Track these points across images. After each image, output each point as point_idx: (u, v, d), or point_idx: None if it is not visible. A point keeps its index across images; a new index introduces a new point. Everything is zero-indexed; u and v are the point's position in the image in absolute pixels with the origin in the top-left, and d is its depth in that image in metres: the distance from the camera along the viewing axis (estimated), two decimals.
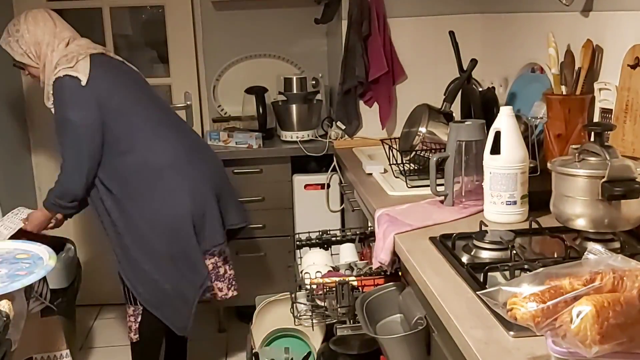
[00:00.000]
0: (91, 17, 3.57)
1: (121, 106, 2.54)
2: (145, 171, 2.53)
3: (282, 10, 3.66)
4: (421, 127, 2.37)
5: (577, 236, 1.62)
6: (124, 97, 2.56)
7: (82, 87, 2.45)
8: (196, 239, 2.56)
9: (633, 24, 1.85)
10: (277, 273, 3.32)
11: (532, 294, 1.03)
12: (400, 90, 3.20)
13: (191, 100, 3.75)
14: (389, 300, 1.85)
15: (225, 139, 3.37)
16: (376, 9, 3.09)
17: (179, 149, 2.59)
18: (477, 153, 1.92)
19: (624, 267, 1.06)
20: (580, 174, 1.53)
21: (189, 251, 2.56)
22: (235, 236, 2.86)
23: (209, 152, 2.80)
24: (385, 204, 2.07)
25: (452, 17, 3.09)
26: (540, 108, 2.23)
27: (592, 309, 0.97)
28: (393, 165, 2.41)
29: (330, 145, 3.22)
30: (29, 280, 1.82)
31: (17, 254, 2.00)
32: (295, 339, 2.78)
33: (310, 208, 3.34)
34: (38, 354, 2.31)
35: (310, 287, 2.10)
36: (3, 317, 1.64)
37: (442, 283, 1.45)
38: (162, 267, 2.54)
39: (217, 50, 3.70)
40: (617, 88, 1.89)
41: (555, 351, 1.02)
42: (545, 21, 2.35)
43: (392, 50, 3.15)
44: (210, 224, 2.60)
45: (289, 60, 3.74)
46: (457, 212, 1.94)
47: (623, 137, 1.85)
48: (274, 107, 3.46)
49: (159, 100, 2.76)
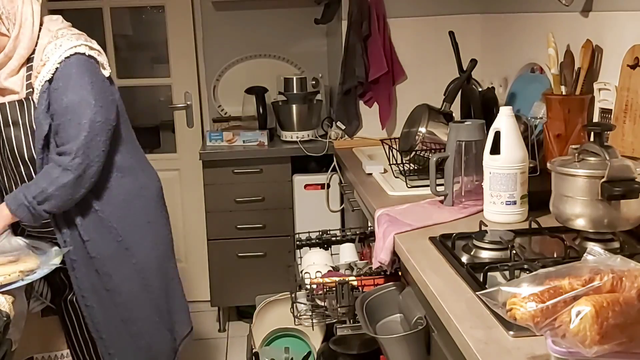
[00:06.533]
0: (91, 17, 3.58)
1: (125, 127, 2.20)
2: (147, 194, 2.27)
3: (282, 10, 3.67)
4: (421, 127, 2.37)
5: (577, 236, 1.62)
6: (123, 114, 2.22)
7: (105, 80, 2.08)
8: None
9: (633, 24, 1.85)
10: (277, 273, 3.32)
11: (532, 294, 1.03)
12: (400, 90, 3.20)
13: (191, 100, 3.76)
14: (389, 300, 1.86)
15: (230, 139, 3.36)
16: (376, 9, 3.09)
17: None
18: (477, 153, 1.92)
19: (623, 268, 1.06)
20: (579, 174, 1.54)
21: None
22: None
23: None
24: (385, 204, 2.07)
25: (452, 17, 3.09)
26: (539, 108, 2.24)
27: (592, 309, 0.97)
28: (393, 165, 2.41)
29: (330, 145, 3.22)
30: (33, 277, 1.82)
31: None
32: (295, 339, 2.79)
33: (310, 208, 3.35)
34: (38, 353, 2.31)
35: (310, 287, 2.10)
36: (3, 317, 1.65)
37: (442, 283, 1.45)
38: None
39: (217, 50, 3.70)
40: (617, 88, 1.89)
41: (555, 351, 1.02)
42: (545, 21, 2.35)
43: (392, 50, 3.15)
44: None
45: (289, 60, 3.74)
46: (457, 212, 1.94)
47: (623, 137, 1.85)
48: (274, 107, 3.46)
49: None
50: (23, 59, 2.02)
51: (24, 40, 2.00)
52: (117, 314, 2.16)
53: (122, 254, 2.14)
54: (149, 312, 2.22)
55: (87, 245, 2.09)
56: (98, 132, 1.99)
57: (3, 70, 2.01)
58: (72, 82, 1.97)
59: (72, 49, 1.99)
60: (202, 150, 3.35)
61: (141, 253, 2.18)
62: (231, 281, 3.41)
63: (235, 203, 3.33)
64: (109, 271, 2.13)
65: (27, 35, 2.01)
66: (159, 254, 2.25)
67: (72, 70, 1.98)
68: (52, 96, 1.98)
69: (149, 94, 4.13)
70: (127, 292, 2.16)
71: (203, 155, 3.32)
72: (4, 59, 2.00)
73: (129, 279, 2.16)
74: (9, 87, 2.02)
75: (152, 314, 2.23)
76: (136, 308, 2.19)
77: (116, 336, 2.18)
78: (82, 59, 2.00)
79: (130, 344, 2.19)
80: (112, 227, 2.12)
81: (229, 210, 3.34)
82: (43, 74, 1.98)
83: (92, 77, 2.01)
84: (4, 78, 2.01)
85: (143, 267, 2.18)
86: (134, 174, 2.19)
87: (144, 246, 2.19)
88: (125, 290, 2.16)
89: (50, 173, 1.97)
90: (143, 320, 2.21)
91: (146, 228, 2.21)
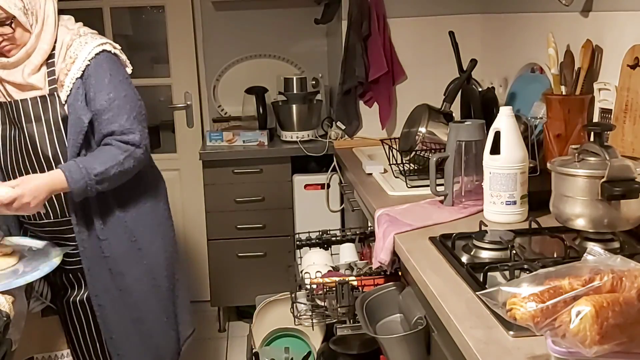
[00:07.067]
0: (91, 17, 3.57)
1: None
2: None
3: (282, 10, 3.66)
4: (421, 127, 2.37)
5: (577, 236, 1.62)
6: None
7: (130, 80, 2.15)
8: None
9: (633, 24, 1.85)
10: (277, 273, 3.32)
11: (532, 294, 1.03)
12: (400, 90, 3.20)
13: (191, 100, 3.76)
14: (389, 300, 1.86)
15: (230, 139, 3.37)
16: (376, 9, 3.09)
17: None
18: (477, 153, 1.92)
19: (623, 268, 1.06)
20: (579, 174, 1.54)
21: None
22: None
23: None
24: (385, 204, 2.07)
25: (452, 17, 3.09)
26: (539, 108, 2.24)
27: (592, 309, 0.97)
28: (393, 165, 2.41)
29: (330, 145, 3.23)
30: (34, 276, 1.82)
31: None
32: (295, 339, 2.79)
33: (310, 208, 3.35)
34: (39, 353, 2.30)
35: (310, 287, 2.10)
36: (3, 317, 1.64)
37: (441, 283, 1.45)
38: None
39: (217, 50, 3.70)
40: (617, 88, 1.89)
41: (555, 351, 1.02)
42: (545, 21, 2.35)
43: (392, 50, 3.15)
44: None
45: (289, 60, 3.74)
46: (457, 212, 1.94)
47: (622, 137, 1.85)
48: (274, 107, 3.46)
49: None
50: (46, 55, 2.03)
51: (45, 37, 2.02)
52: (128, 314, 2.18)
53: (135, 254, 2.16)
54: (158, 313, 2.24)
55: (102, 245, 2.11)
56: (145, 124, 2.11)
57: (26, 66, 2.01)
58: (111, 77, 2.04)
59: (100, 46, 2.05)
60: (202, 150, 3.35)
61: (152, 254, 2.21)
62: (231, 281, 3.41)
63: (235, 203, 3.33)
64: (122, 270, 2.15)
65: (49, 32, 2.02)
66: (168, 255, 2.27)
67: (106, 67, 2.04)
68: (92, 92, 2.02)
69: (149, 94, 4.11)
70: (137, 292, 2.18)
71: (203, 155, 3.32)
72: (24, 55, 2.01)
73: (140, 280, 2.18)
74: (33, 83, 2.02)
75: (161, 315, 2.25)
76: (146, 308, 2.21)
77: (126, 336, 2.19)
78: (111, 56, 2.07)
79: (139, 344, 2.21)
80: (127, 227, 2.15)
81: (229, 210, 3.35)
82: (74, 70, 2.01)
83: (125, 73, 2.12)
84: (27, 75, 2.01)
85: (153, 268, 2.21)
86: (147, 175, 2.22)
87: (155, 247, 2.22)
88: (136, 290, 2.18)
89: (115, 156, 2.02)
90: (152, 321, 2.23)
91: (156, 229, 2.24)
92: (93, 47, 2.03)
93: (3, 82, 2.05)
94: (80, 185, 1.97)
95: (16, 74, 2.02)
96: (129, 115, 2.04)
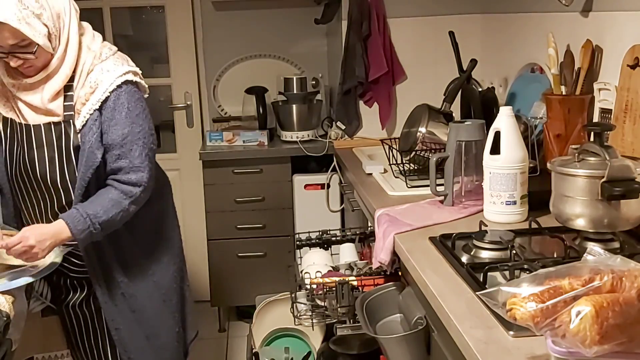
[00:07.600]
0: (91, 17, 3.56)
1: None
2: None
3: (282, 10, 3.67)
4: (421, 127, 2.37)
5: (577, 236, 1.62)
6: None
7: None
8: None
9: (632, 24, 1.85)
10: (277, 273, 3.32)
11: (532, 294, 1.04)
12: (400, 90, 3.20)
13: (191, 100, 3.76)
14: (388, 300, 1.86)
15: (230, 139, 3.37)
16: (376, 9, 3.09)
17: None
18: (477, 153, 1.92)
19: (623, 268, 1.06)
20: (579, 174, 1.54)
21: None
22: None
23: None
24: (385, 204, 2.07)
25: (451, 17, 3.09)
26: (539, 108, 2.24)
27: (592, 309, 0.97)
28: (393, 165, 2.41)
29: (330, 145, 3.23)
30: (34, 277, 1.82)
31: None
32: (295, 339, 2.79)
33: (310, 208, 3.35)
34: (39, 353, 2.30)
35: (310, 287, 2.10)
36: (3, 317, 1.64)
37: (441, 283, 1.45)
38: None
39: (217, 50, 3.70)
40: (617, 88, 1.89)
41: (555, 351, 1.02)
42: (545, 21, 2.35)
43: (392, 50, 3.16)
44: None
45: (289, 60, 3.74)
46: (457, 212, 1.94)
47: (622, 137, 1.85)
48: (274, 107, 3.46)
49: None
50: (67, 79, 1.94)
51: (68, 60, 1.93)
52: (142, 331, 2.18)
53: (144, 273, 2.16)
54: (170, 324, 2.25)
55: (114, 270, 2.10)
56: (154, 159, 2.05)
57: (45, 89, 1.93)
58: (129, 111, 1.96)
59: (122, 77, 1.96)
60: (202, 150, 3.35)
61: (161, 269, 2.20)
62: (231, 281, 3.41)
63: (235, 203, 3.33)
64: (134, 293, 2.13)
65: (72, 56, 1.93)
66: (176, 268, 2.26)
67: (125, 100, 1.96)
68: (107, 126, 1.95)
69: (149, 94, 4.12)
70: (149, 309, 2.18)
71: (203, 155, 3.32)
72: (45, 78, 1.92)
73: (151, 297, 2.18)
74: (52, 109, 1.94)
75: (174, 325, 2.26)
76: (159, 323, 2.21)
77: (142, 353, 2.19)
78: (132, 88, 2.00)
79: (153, 357, 2.22)
80: (137, 251, 2.14)
81: (229, 210, 3.34)
82: (92, 101, 1.93)
83: (144, 106, 2.04)
84: (47, 100, 1.93)
85: (162, 283, 2.21)
86: (153, 191, 2.13)
87: (163, 262, 2.21)
88: (148, 308, 2.17)
89: (120, 202, 1.96)
90: (166, 334, 2.24)
91: (164, 245, 2.23)
92: (115, 77, 1.94)
93: (18, 102, 1.97)
94: (86, 235, 1.93)
95: (34, 97, 1.94)
96: (141, 152, 1.98)
